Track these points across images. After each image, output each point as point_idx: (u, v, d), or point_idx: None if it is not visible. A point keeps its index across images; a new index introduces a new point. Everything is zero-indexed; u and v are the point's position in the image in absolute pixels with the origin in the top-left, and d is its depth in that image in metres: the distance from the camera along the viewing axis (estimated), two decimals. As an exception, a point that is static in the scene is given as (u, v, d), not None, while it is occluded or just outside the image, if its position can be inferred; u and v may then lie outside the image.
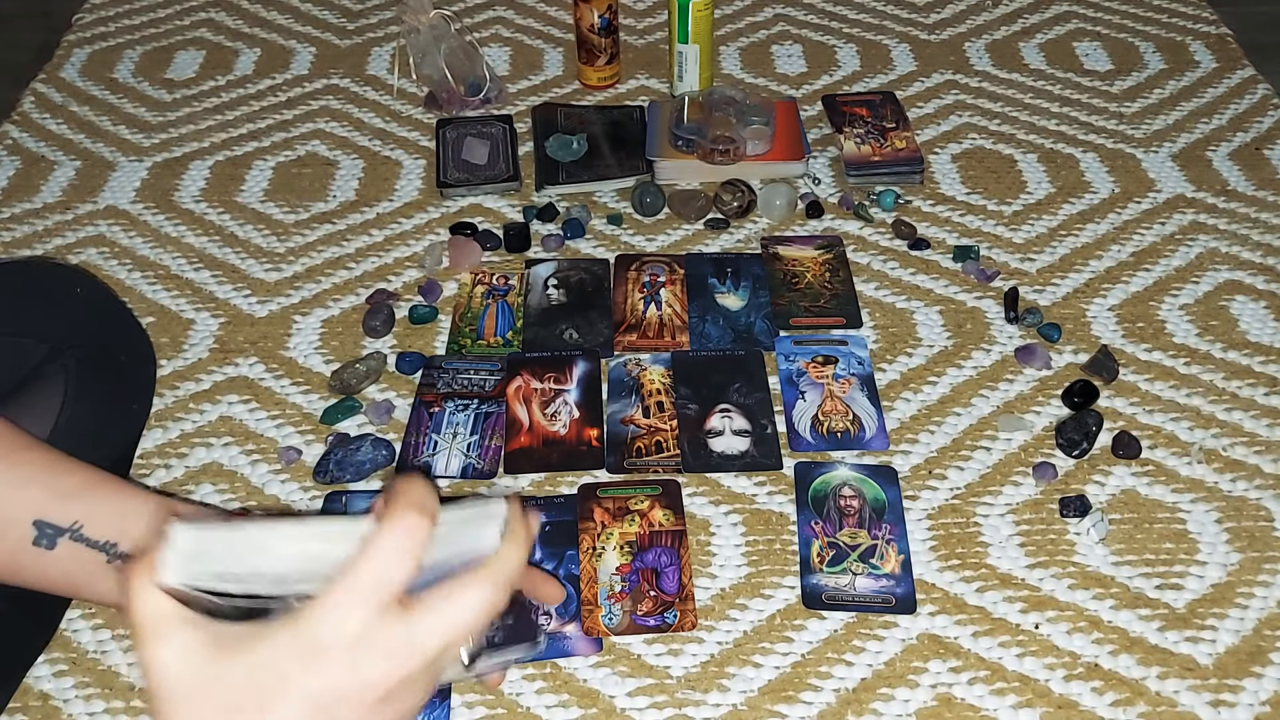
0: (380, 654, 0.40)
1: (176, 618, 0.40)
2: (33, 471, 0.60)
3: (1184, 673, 0.80)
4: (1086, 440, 0.95)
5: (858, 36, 1.49)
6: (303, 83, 1.43)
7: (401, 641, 0.40)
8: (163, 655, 0.39)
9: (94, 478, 0.61)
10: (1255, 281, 1.12)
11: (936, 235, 1.18)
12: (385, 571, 0.40)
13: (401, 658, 0.40)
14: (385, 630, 0.40)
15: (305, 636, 0.39)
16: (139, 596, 0.40)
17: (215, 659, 0.39)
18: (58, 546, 0.58)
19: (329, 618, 0.39)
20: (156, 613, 0.40)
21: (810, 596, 0.85)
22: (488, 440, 0.97)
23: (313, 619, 0.39)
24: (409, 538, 0.40)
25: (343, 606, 0.39)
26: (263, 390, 1.02)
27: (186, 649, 0.39)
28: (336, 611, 0.39)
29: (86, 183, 1.27)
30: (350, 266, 1.15)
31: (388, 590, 0.40)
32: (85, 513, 0.59)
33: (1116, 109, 1.36)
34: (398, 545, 0.40)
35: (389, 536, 0.40)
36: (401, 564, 0.40)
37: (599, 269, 1.14)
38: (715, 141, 1.22)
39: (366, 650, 0.39)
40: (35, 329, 0.78)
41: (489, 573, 0.43)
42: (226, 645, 0.40)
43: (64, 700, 0.79)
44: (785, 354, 1.04)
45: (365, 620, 0.39)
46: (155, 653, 0.40)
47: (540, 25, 1.53)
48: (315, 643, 0.39)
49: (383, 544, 0.40)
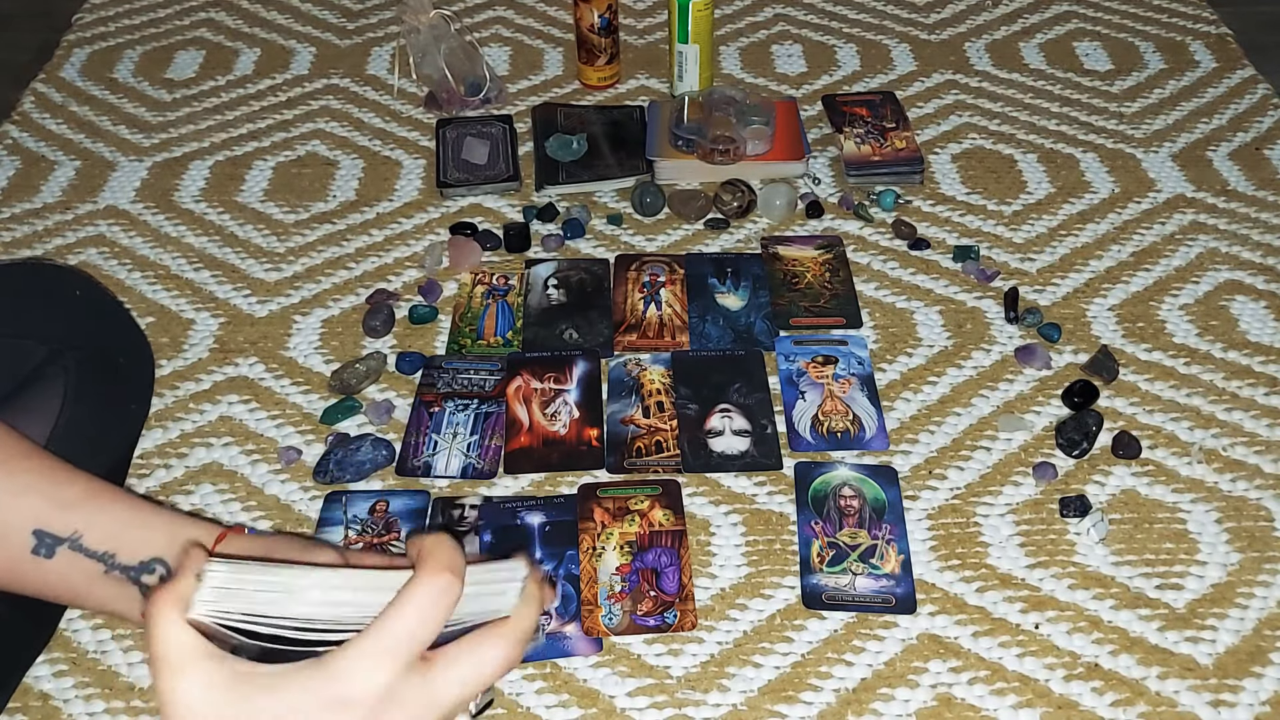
0: (401, 709, 0.41)
1: (200, 651, 0.40)
2: (32, 480, 0.59)
3: (1184, 673, 0.80)
4: (1086, 440, 0.95)
5: (858, 36, 1.49)
6: (303, 83, 1.43)
7: (422, 698, 0.41)
8: (183, 688, 0.39)
9: (94, 487, 0.60)
10: (1255, 281, 1.12)
11: (936, 235, 1.18)
12: (414, 629, 0.41)
13: (419, 712, 0.41)
14: (407, 686, 0.41)
15: (332, 686, 0.40)
16: (162, 627, 0.40)
17: (238, 697, 0.39)
18: (56, 555, 0.58)
19: (356, 670, 0.40)
20: (180, 645, 0.40)
21: (810, 596, 0.85)
22: (488, 440, 0.97)
23: (341, 669, 0.40)
24: (441, 599, 0.41)
25: (371, 660, 0.40)
26: (263, 390, 1.02)
27: (208, 684, 0.39)
28: (364, 665, 0.40)
29: (86, 183, 1.27)
30: (350, 266, 1.15)
31: (415, 648, 0.41)
32: (85, 522, 0.58)
33: (1116, 109, 1.35)
34: (429, 605, 0.41)
35: (422, 595, 0.41)
36: (431, 623, 0.41)
37: (599, 269, 1.14)
38: (715, 141, 1.22)
39: (388, 704, 0.40)
40: (35, 331, 0.78)
41: (507, 631, 0.44)
42: (250, 684, 0.40)
43: (64, 700, 0.79)
44: (785, 354, 1.04)
45: (392, 676, 0.40)
46: (175, 685, 0.39)
47: (540, 25, 1.53)
48: (342, 694, 0.40)
49: (415, 602, 0.41)
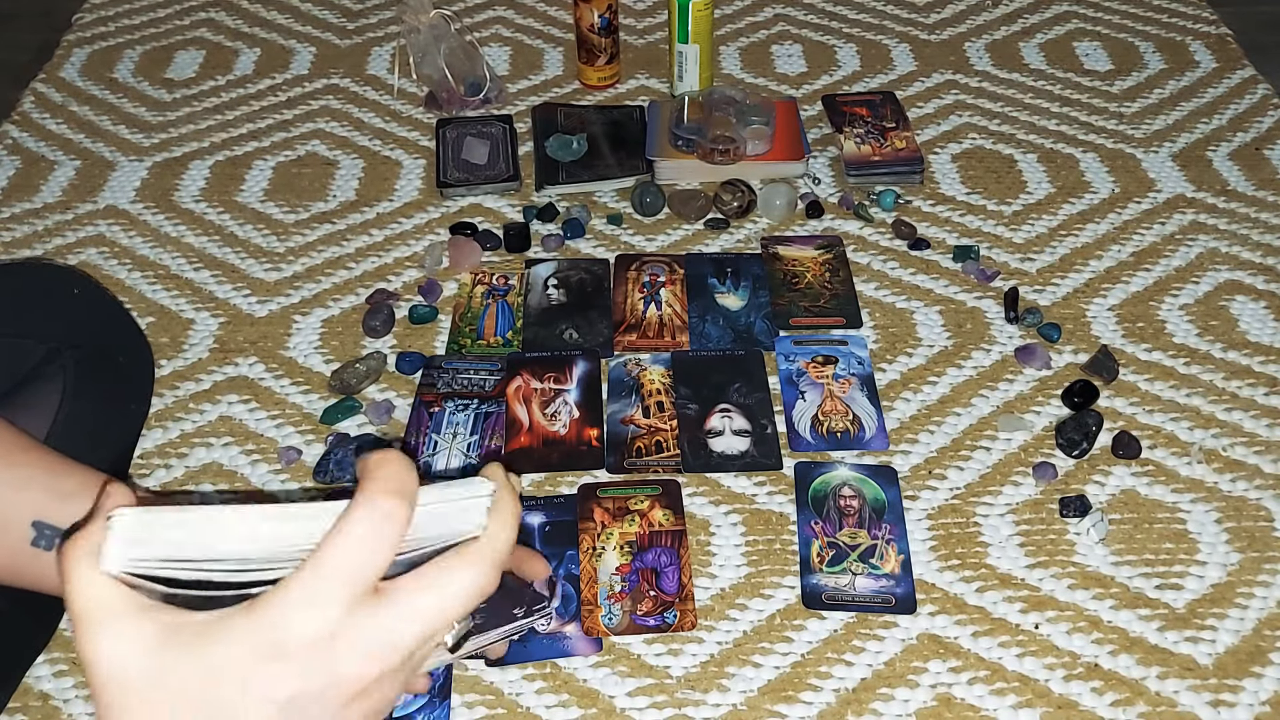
0: (352, 651, 0.36)
1: (120, 605, 0.35)
2: (32, 473, 0.60)
3: (1184, 673, 0.80)
4: (1086, 440, 0.95)
5: (858, 36, 1.49)
6: (303, 83, 1.43)
7: (376, 636, 0.36)
8: (105, 647, 0.35)
9: (93, 479, 0.61)
10: (1255, 281, 1.12)
11: (936, 235, 1.18)
12: (356, 562, 0.35)
13: (376, 653, 0.36)
14: (357, 625, 0.36)
15: (268, 635, 0.35)
16: (76, 581, 0.35)
17: (165, 652, 0.35)
18: (56, 548, 0.58)
19: (294, 613, 0.35)
20: (97, 599, 0.35)
21: (810, 596, 0.85)
22: (488, 440, 0.97)
23: (276, 614, 0.35)
24: (384, 524, 0.36)
25: (309, 600, 0.35)
26: (263, 390, 1.02)
27: (132, 640, 0.35)
28: (302, 606, 0.35)
29: (86, 183, 1.27)
30: (350, 266, 1.15)
31: (359, 582, 0.36)
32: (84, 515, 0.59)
33: (1116, 109, 1.35)
34: (371, 532, 0.36)
35: (361, 522, 0.36)
36: (374, 553, 0.36)
37: (599, 269, 1.14)
38: (715, 141, 1.22)
39: (340, 647, 0.36)
40: (34, 329, 0.78)
41: (474, 553, 0.39)
42: (178, 637, 0.35)
43: (64, 700, 0.79)
44: (785, 354, 1.04)
45: (334, 615, 0.35)
46: (96, 644, 0.35)
47: (540, 25, 1.53)
48: (279, 642, 0.35)
49: (354, 530, 0.36)
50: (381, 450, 0.38)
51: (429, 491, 0.39)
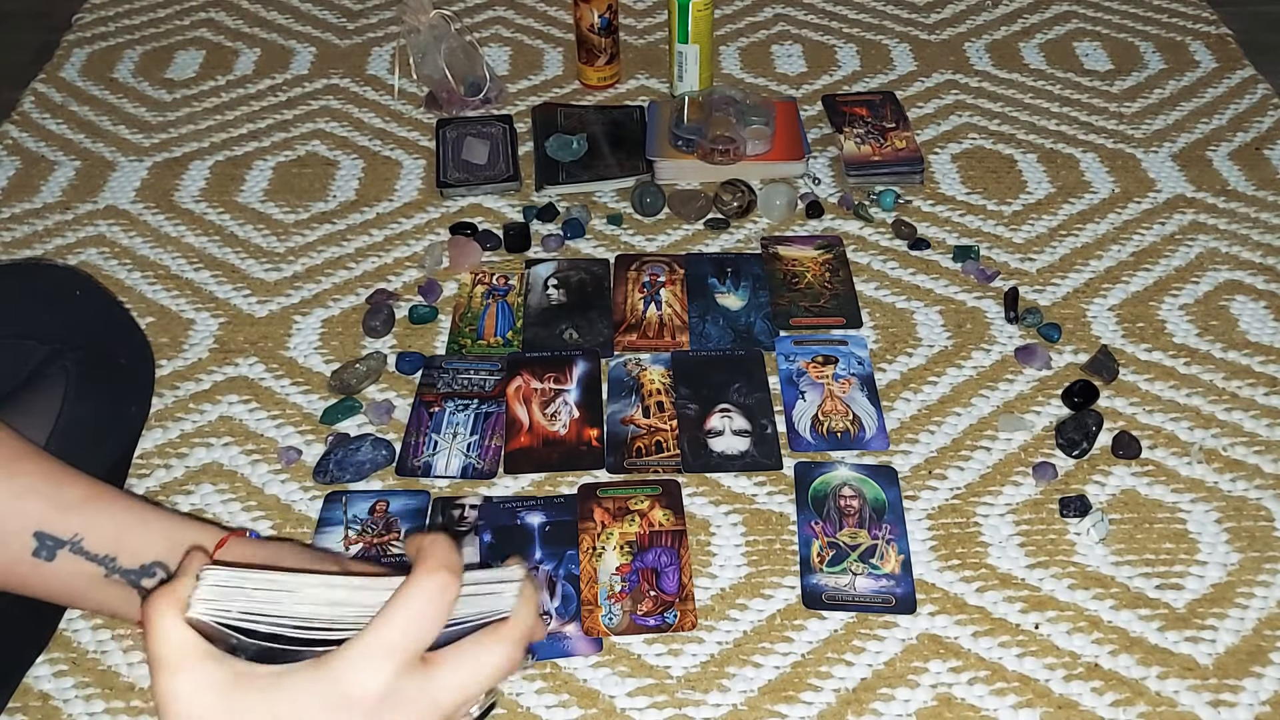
0: (401, 711, 0.40)
1: (198, 651, 0.39)
2: (33, 482, 0.59)
3: (1184, 673, 0.80)
4: (1086, 440, 0.95)
5: (858, 36, 1.49)
6: (303, 83, 1.43)
7: (423, 698, 0.41)
8: (182, 688, 0.39)
9: (95, 490, 0.60)
10: (1255, 281, 1.12)
11: (936, 235, 1.18)
12: (414, 629, 0.40)
13: (421, 714, 0.41)
14: (408, 687, 0.40)
15: (331, 687, 0.39)
16: (159, 627, 0.40)
17: (237, 697, 0.39)
18: (57, 558, 0.58)
19: (356, 671, 0.39)
20: (179, 644, 0.39)
21: (810, 596, 0.85)
22: (488, 440, 0.97)
23: (339, 669, 0.39)
24: (439, 597, 0.41)
25: (370, 660, 0.39)
26: (263, 390, 1.02)
27: (207, 683, 0.39)
28: (364, 665, 0.39)
29: (86, 183, 1.27)
30: (350, 266, 1.15)
31: (414, 647, 0.40)
32: (85, 525, 0.58)
33: (1116, 109, 1.35)
34: (427, 604, 0.40)
35: (420, 593, 0.40)
36: (430, 623, 0.41)
37: (599, 269, 1.14)
38: (715, 141, 1.22)
39: (389, 705, 0.40)
40: (35, 330, 0.78)
41: (507, 631, 0.44)
42: (249, 684, 0.39)
43: (64, 700, 0.79)
44: (785, 354, 1.04)
45: (390, 677, 0.40)
46: (174, 685, 0.39)
47: (540, 25, 1.53)
48: (341, 694, 0.39)
49: (413, 601, 0.40)
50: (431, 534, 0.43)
51: (469, 575, 0.44)
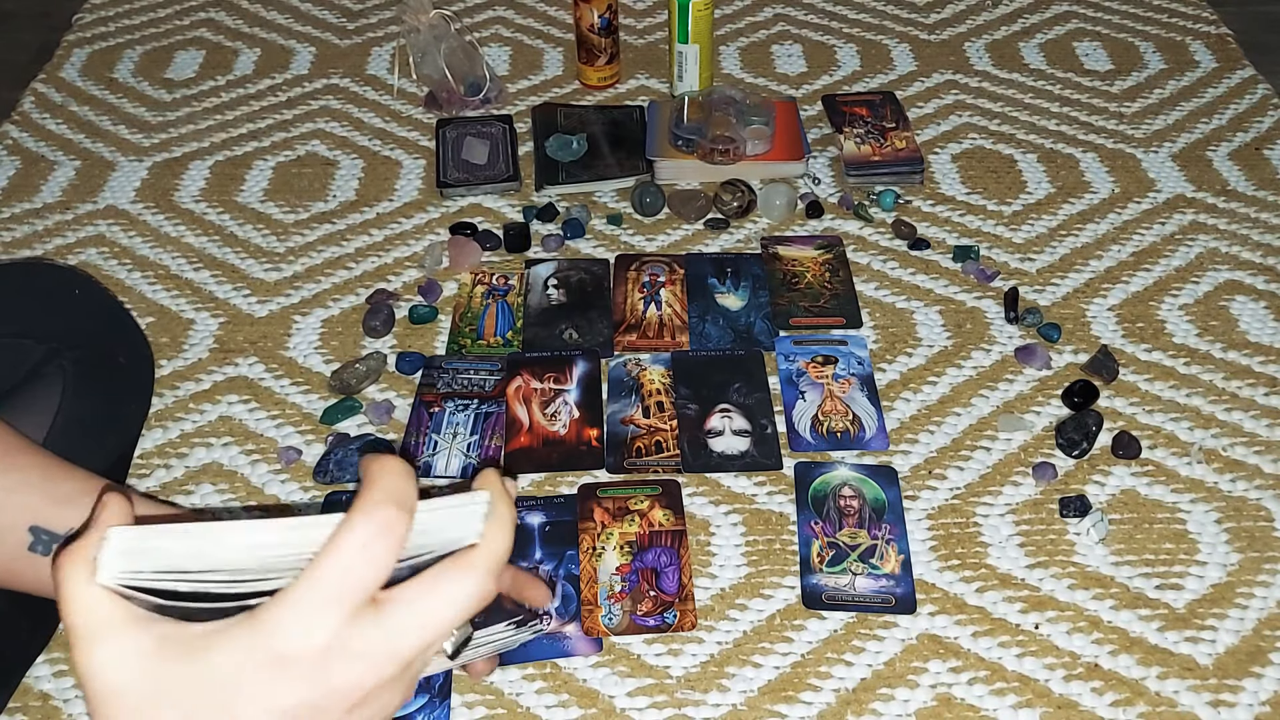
0: (352, 660, 0.35)
1: (117, 617, 0.35)
2: (29, 476, 0.59)
3: (1184, 673, 0.80)
4: (1086, 440, 0.95)
5: (858, 36, 1.49)
6: (303, 83, 1.43)
7: (376, 645, 0.36)
8: (100, 659, 0.35)
9: (90, 484, 0.60)
10: (1255, 281, 1.12)
11: (936, 235, 1.18)
12: (355, 571, 0.35)
13: (376, 662, 0.36)
14: (357, 634, 0.35)
15: (268, 644, 0.35)
16: (71, 594, 0.35)
17: (163, 664, 0.35)
18: (53, 553, 0.58)
19: (293, 623, 0.35)
20: (93, 611, 0.35)
21: (810, 596, 0.85)
22: (488, 440, 0.97)
23: (275, 623, 0.35)
24: (383, 534, 0.35)
25: (308, 611, 0.35)
26: (263, 390, 1.02)
27: (129, 652, 0.35)
28: (301, 616, 0.35)
29: (86, 183, 1.27)
30: (350, 266, 1.15)
31: (357, 592, 0.35)
32: (81, 519, 0.58)
33: (1116, 109, 1.35)
34: (369, 542, 0.35)
35: (360, 532, 0.35)
36: (374, 562, 0.35)
37: (599, 269, 1.14)
38: (715, 141, 1.22)
39: (337, 658, 0.35)
40: (34, 329, 0.78)
41: (472, 561, 0.38)
42: (176, 649, 0.35)
43: (64, 700, 0.79)
44: (785, 354, 1.04)
45: (334, 625, 0.35)
46: (92, 657, 0.35)
47: (540, 25, 1.53)
48: (279, 652, 0.35)
49: (353, 540, 0.35)
50: (381, 457, 0.37)
51: (426, 502, 0.38)
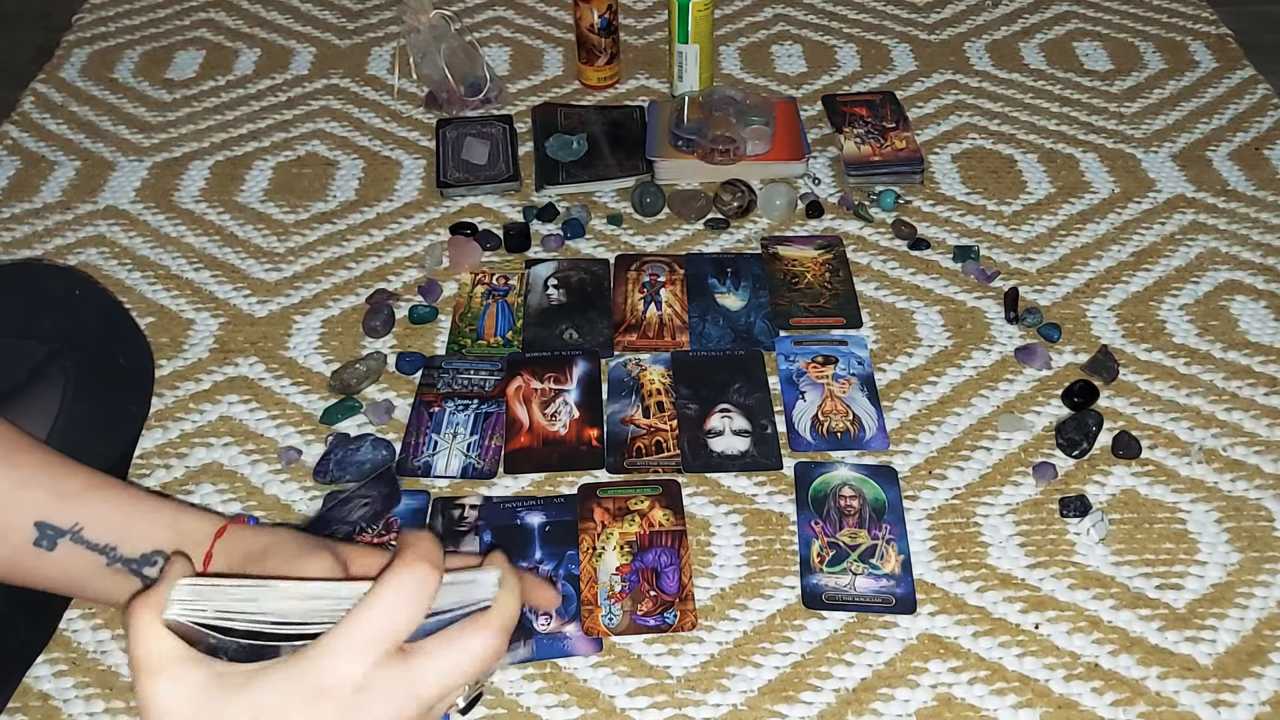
0: (380, 701, 0.41)
1: (177, 654, 0.40)
2: (33, 473, 0.60)
3: (1184, 673, 0.80)
4: (1086, 440, 0.95)
5: (858, 36, 1.49)
6: (303, 83, 1.43)
7: (402, 688, 0.41)
8: (162, 690, 0.40)
9: (94, 480, 0.61)
10: (1255, 281, 1.12)
11: (936, 235, 1.18)
12: (392, 619, 0.41)
13: (401, 704, 0.41)
14: (387, 677, 0.41)
15: (308, 678, 0.40)
16: (139, 631, 0.41)
17: (216, 697, 0.40)
18: (58, 548, 0.58)
19: (333, 662, 0.40)
20: (158, 648, 0.40)
21: (810, 596, 0.85)
22: (488, 440, 0.97)
23: (316, 662, 0.40)
24: (418, 587, 0.41)
25: (347, 651, 0.40)
26: (263, 390, 1.02)
27: (187, 685, 0.40)
28: (340, 656, 0.40)
29: (86, 183, 1.27)
30: (350, 266, 1.15)
31: (391, 638, 0.41)
32: (86, 515, 0.59)
33: (1116, 109, 1.35)
34: (405, 594, 0.41)
35: (397, 584, 0.41)
36: (407, 614, 0.41)
37: (599, 269, 1.14)
38: (715, 141, 1.22)
39: (368, 696, 0.40)
40: (34, 330, 0.78)
41: (489, 620, 0.44)
42: (228, 683, 0.40)
43: (64, 700, 0.79)
44: (785, 354, 1.04)
45: (368, 666, 0.40)
46: (154, 688, 0.40)
47: (540, 25, 1.53)
48: (319, 686, 0.40)
49: (390, 592, 0.41)
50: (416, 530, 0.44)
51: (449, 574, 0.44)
